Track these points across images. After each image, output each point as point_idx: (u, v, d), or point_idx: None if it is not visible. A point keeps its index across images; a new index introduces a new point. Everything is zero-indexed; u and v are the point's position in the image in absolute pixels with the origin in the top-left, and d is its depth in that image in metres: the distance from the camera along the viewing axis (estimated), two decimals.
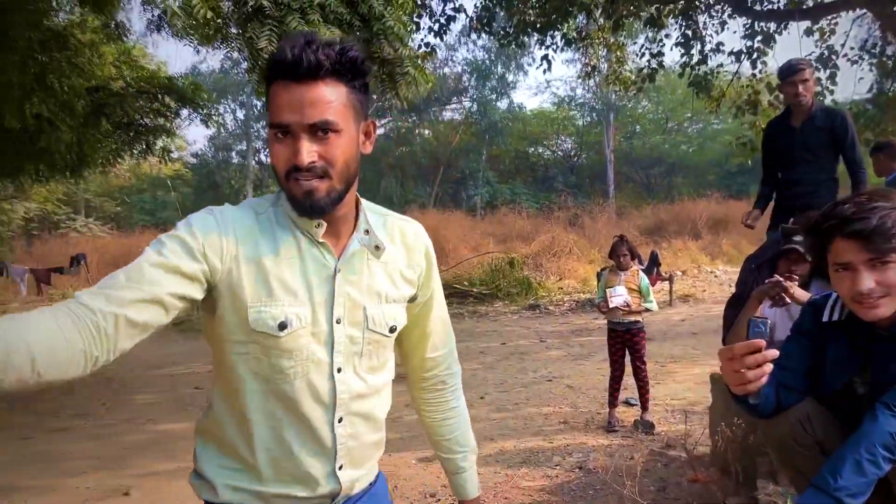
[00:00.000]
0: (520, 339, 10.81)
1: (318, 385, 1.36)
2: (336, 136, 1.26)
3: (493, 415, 6.32)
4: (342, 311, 1.36)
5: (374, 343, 1.41)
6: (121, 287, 1.19)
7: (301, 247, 1.34)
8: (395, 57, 4.64)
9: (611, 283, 5.66)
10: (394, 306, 1.43)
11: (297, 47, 1.21)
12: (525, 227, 23.57)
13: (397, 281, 1.44)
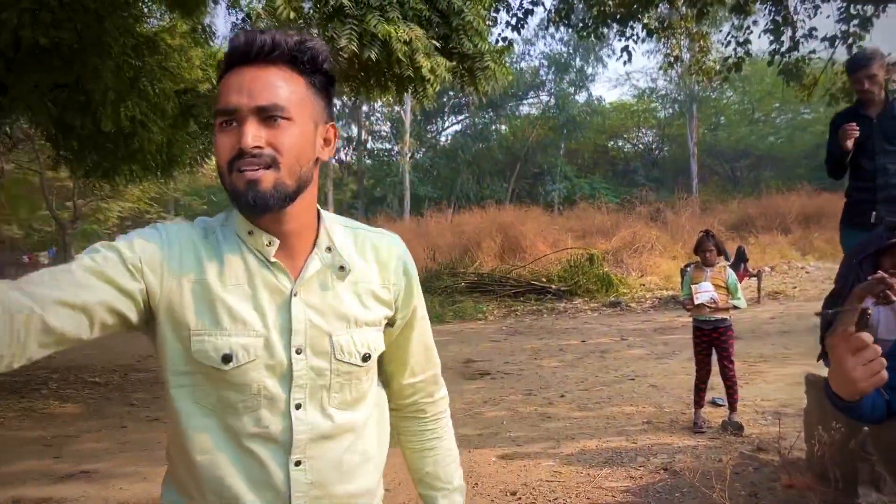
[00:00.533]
0: (600, 336, 10.62)
1: (271, 423, 1.17)
2: (288, 124, 1.11)
3: (574, 413, 6.22)
4: (302, 340, 1.17)
5: (344, 375, 1.21)
6: (43, 284, 1.02)
7: (251, 269, 1.17)
8: (474, 52, 4.61)
9: (696, 279, 5.48)
10: (367, 331, 1.23)
11: (251, 34, 1.11)
12: (605, 222, 23.15)
13: (369, 302, 1.24)
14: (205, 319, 1.15)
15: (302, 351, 1.18)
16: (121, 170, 9.92)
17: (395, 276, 1.29)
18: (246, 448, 1.17)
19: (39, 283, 1.01)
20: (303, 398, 1.18)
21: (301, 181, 1.14)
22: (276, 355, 1.16)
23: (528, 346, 9.98)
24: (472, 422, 6.11)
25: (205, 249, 1.17)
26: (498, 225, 21.01)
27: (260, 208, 1.10)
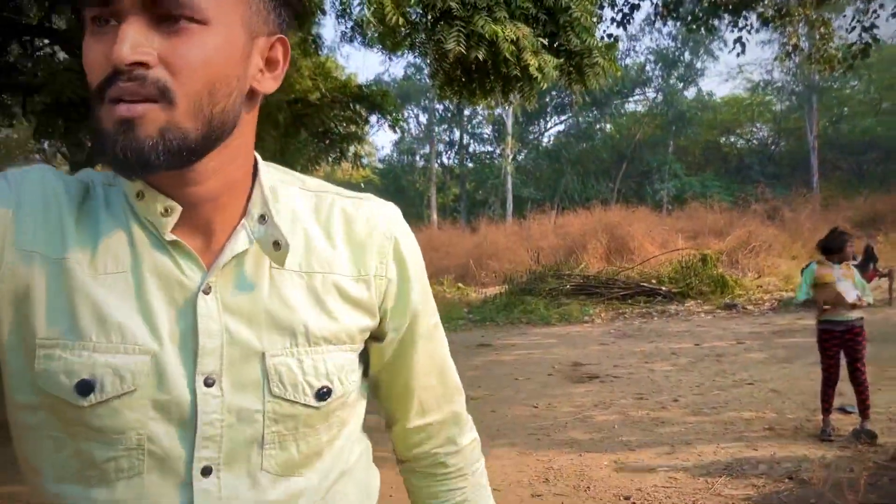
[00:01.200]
0: (715, 340, 10.21)
1: (161, 497, 0.73)
2: (198, 29, 0.66)
3: (689, 418, 6.00)
4: (217, 363, 0.73)
5: (286, 421, 0.76)
6: None
7: (138, 250, 0.73)
8: (582, 48, 4.54)
9: (824, 277, 5.16)
10: (327, 351, 0.78)
11: None
12: (717, 221, 22.26)
13: (334, 304, 0.79)
14: (59, 324, 0.71)
15: (215, 382, 0.73)
16: None
17: (378, 262, 0.83)
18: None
19: None
20: (216, 458, 0.74)
21: (213, 125, 0.70)
22: (172, 386, 0.72)
23: (637, 350, 9.72)
24: (581, 426, 6.00)
25: (74, 217, 0.73)
26: (604, 226, 20.62)
27: (136, 166, 0.66)
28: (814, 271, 5.27)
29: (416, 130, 39.68)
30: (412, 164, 40.70)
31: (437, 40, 4.23)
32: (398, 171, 39.97)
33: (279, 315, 0.76)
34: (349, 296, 0.80)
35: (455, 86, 5.35)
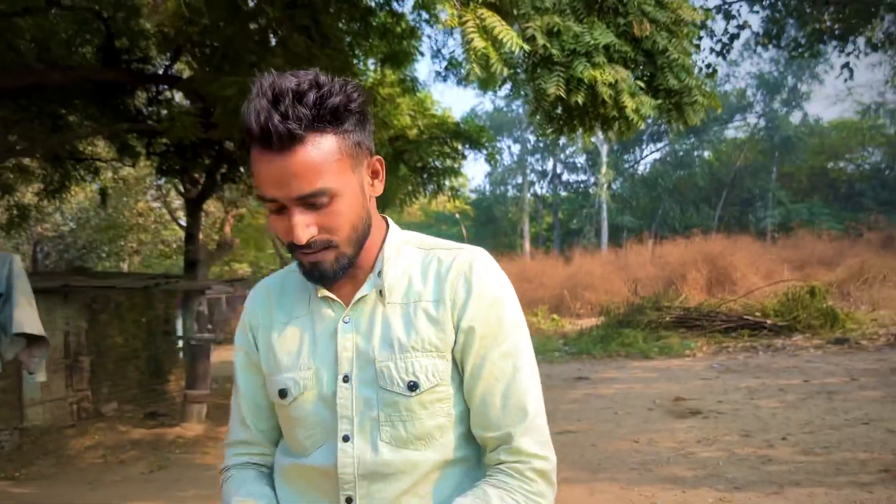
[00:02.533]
0: (826, 376, 9.79)
1: (327, 457, 1.12)
2: (333, 202, 1.04)
3: (799, 457, 5.82)
4: (349, 368, 1.11)
5: (391, 406, 1.09)
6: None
7: (310, 303, 1.18)
8: (681, 87, 4.60)
9: None
10: (414, 356, 1.09)
11: (262, 114, 0.99)
12: (826, 251, 21.33)
13: (420, 324, 1.11)
14: (271, 361, 1.18)
15: (349, 378, 1.11)
16: None
17: (451, 289, 1.11)
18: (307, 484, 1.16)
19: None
20: (351, 430, 1.10)
21: (360, 240, 1.10)
22: (325, 385, 1.12)
23: (742, 385, 9.45)
24: (684, 461, 5.93)
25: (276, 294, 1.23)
26: (704, 255, 20.11)
27: (324, 281, 1.11)
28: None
29: (508, 160, 39.93)
30: (504, 194, 40.91)
31: (537, 84, 4.39)
32: (490, 202, 40.25)
33: (384, 333, 1.12)
34: (431, 315, 1.12)
35: (554, 123, 5.50)
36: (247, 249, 26.33)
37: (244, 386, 1.25)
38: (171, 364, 10.12)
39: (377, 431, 1.10)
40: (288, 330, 1.18)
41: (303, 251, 1.07)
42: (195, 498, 5.74)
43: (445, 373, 1.11)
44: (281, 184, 1.02)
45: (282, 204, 1.04)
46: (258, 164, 1.03)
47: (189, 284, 10.12)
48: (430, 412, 1.10)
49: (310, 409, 1.13)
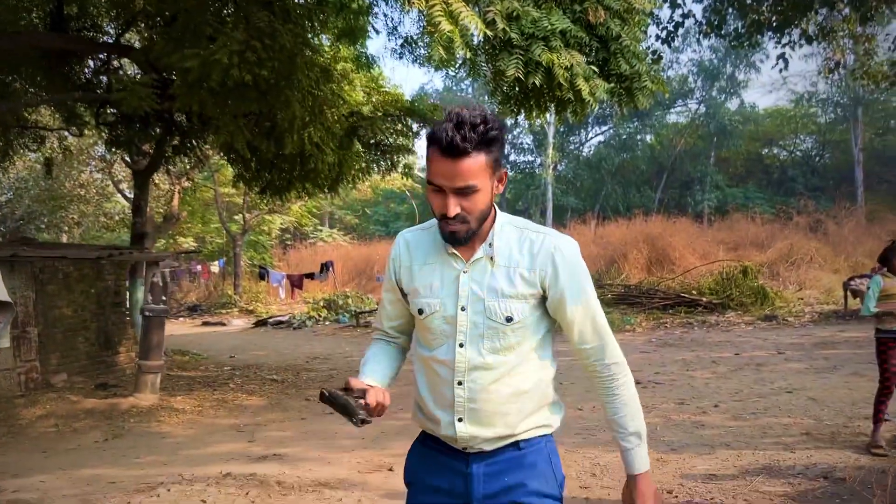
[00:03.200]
0: (755, 350, 10.40)
1: (446, 354, 1.72)
2: (475, 194, 1.61)
3: (729, 423, 6.28)
4: (466, 302, 1.69)
5: (493, 329, 1.68)
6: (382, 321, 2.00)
7: (442, 255, 1.75)
8: (631, 73, 4.89)
9: (891, 289, 5.28)
10: (511, 301, 1.68)
11: (449, 132, 1.55)
12: (759, 233, 22.24)
13: (516, 281, 1.68)
14: (410, 288, 1.80)
15: (465, 309, 1.70)
16: (294, 187, 10.89)
17: (541, 264, 1.70)
18: (433, 369, 1.76)
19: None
20: (465, 340, 1.70)
21: (483, 219, 1.68)
22: (448, 310, 1.72)
23: (679, 358, 9.96)
24: None
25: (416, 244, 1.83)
26: (645, 236, 20.77)
27: (458, 244, 1.70)
28: (880, 283, 5.35)
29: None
30: None
31: (497, 66, 4.61)
32: None
33: (491, 284, 1.70)
34: (524, 278, 1.70)
35: (513, 103, 5.74)
36: (193, 223, 25.98)
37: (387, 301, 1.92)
38: (121, 336, 10.06)
39: (481, 343, 1.69)
40: (425, 269, 1.77)
41: (448, 221, 1.63)
42: (152, 464, 5.83)
43: (528, 313, 1.70)
44: (447, 177, 1.59)
45: (443, 189, 1.61)
46: (436, 163, 1.60)
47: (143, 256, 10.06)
48: (515, 334, 1.70)
49: (437, 324, 1.73)
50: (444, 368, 1.72)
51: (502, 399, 1.70)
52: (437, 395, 1.75)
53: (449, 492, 1.76)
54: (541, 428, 1.77)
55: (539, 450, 1.76)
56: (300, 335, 17.07)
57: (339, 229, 37.40)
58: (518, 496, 1.72)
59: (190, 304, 24.88)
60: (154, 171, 12.88)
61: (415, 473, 1.85)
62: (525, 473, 1.73)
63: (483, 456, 1.73)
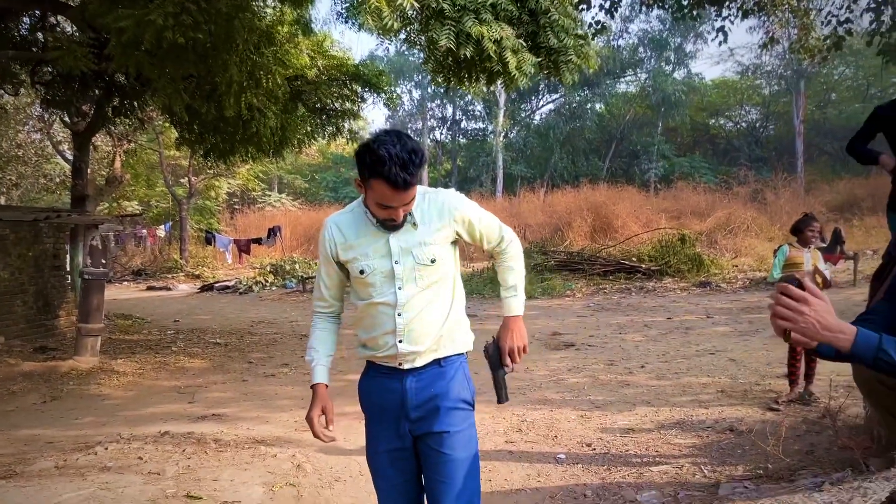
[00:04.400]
0: (686, 314, 10.84)
1: (387, 296, 2.18)
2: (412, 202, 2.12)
3: (652, 382, 6.62)
4: (398, 257, 2.17)
5: (421, 271, 2.17)
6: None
7: (369, 229, 2.20)
8: (559, 46, 5.04)
9: (796, 259, 5.64)
10: (432, 247, 2.17)
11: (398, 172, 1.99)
12: (701, 202, 22.87)
13: (433, 232, 2.18)
14: (349, 257, 2.23)
15: (399, 262, 2.18)
16: (237, 150, 10.83)
17: (447, 213, 2.21)
18: (377, 309, 2.21)
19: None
20: (402, 283, 2.18)
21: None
22: (385, 266, 2.19)
23: (613, 322, 10.33)
24: (555, 386, 6.61)
25: (346, 225, 2.25)
26: (590, 204, 21.18)
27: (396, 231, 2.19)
28: (786, 252, 5.76)
29: (409, 105, 39.84)
30: None
31: (430, 37, 4.72)
32: None
33: (414, 240, 2.17)
34: (437, 228, 2.19)
35: (445, 73, 5.85)
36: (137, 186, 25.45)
37: (324, 275, 2.34)
38: (60, 299, 9.96)
39: (413, 283, 2.17)
40: (359, 241, 2.21)
41: (392, 223, 2.12)
42: (91, 425, 5.91)
43: (444, 254, 2.20)
44: (399, 201, 2.05)
45: (394, 207, 2.07)
46: (386, 192, 2.02)
47: (83, 219, 9.93)
48: (437, 272, 2.19)
49: (377, 279, 2.18)
50: (386, 307, 2.18)
51: (429, 322, 2.19)
52: (380, 328, 2.20)
53: (391, 407, 2.23)
54: (457, 348, 2.28)
55: (456, 367, 2.27)
56: (246, 300, 17.04)
57: (288, 194, 37.04)
58: (440, 402, 2.20)
59: (135, 269, 24.51)
60: (94, 132, 12.61)
61: (366, 400, 2.33)
62: (446, 384, 2.22)
63: (414, 371, 2.20)
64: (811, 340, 1.74)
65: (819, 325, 1.72)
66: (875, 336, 1.72)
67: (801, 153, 32.76)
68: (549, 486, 4.10)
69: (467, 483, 2.17)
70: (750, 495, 3.59)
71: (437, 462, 2.18)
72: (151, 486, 4.10)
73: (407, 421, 2.21)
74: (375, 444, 2.28)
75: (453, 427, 2.19)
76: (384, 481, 2.28)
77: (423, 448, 2.22)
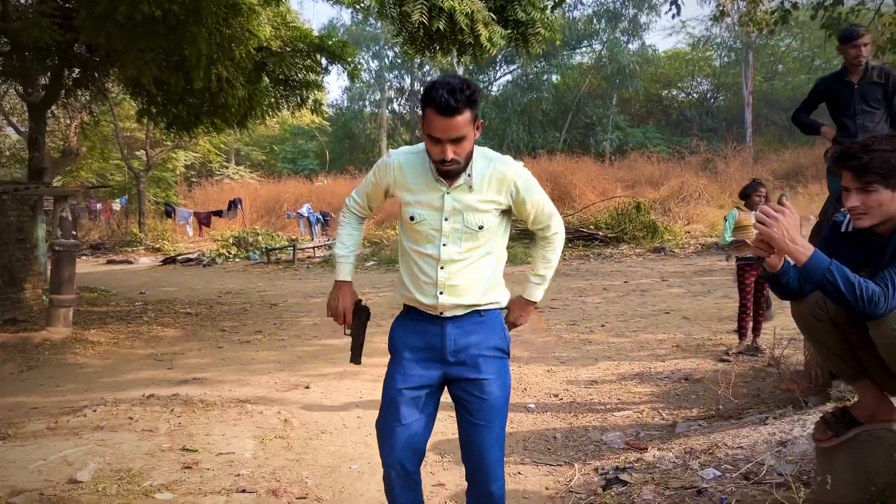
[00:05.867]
0: (642, 278, 11.33)
1: (433, 250, 2.28)
2: (464, 141, 2.14)
3: (612, 339, 7.03)
4: (448, 214, 2.25)
5: (468, 233, 2.26)
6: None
7: (430, 180, 2.27)
8: (527, 19, 5.30)
9: (744, 221, 6.06)
10: (483, 215, 2.25)
11: (445, 96, 2.07)
12: (654, 172, 23.49)
13: (486, 200, 2.25)
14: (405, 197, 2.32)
15: (448, 219, 2.26)
16: (202, 122, 10.85)
17: (507, 188, 2.28)
18: (420, 259, 2.32)
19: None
20: (447, 241, 2.27)
21: (469, 159, 2.23)
22: (435, 220, 2.27)
23: (574, 286, 10.75)
24: (521, 346, 6.97)
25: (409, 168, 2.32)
26: (548, 174, 21.56)
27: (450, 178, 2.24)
28: (735, 216, 6.20)
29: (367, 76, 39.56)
30: (362, 109, 40.69)
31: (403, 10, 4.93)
32: (348, 118, 39.93)
33: (468, 203, 2.25)
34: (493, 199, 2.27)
35: (418, 45, 6.07)
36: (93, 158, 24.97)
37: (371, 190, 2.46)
38: (26, 273, 9.94)
39: (459, 243, 2.26)
40: (418, 188, 2.29)
41: (444, 163, 2.16)
42: (73, 391, 6.05)
43: (494, 222, 2.28)
44: (444, 131, 2.11)
45: (440, 140, 2.12)
46: (433, 120, 2.10)
47: (51, 191, 9.90)
48: (483, 237, 2.28)
49: (425, 229, 2.27)
50: (430, 259, 2.28)
51: (471, 279, 2.28)
52: (424, 277, 2.30)
53: (426, 348, 2.33)
54: (495, 303, 2.37)
55: (494, 317, 2.38)
56: (210, 272, 17.07)
57: (247, 166, 36.67)
58: (479, 349, 2.31)
59: (93, 243, 24.17)
60: (51, 103, 12.43)
61: (400, 339, 2.40)
62: (484, 333, 2.33)
63: (454, 319, 2.31)
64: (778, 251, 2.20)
65: (787, 234, 2.14)
66: (827, 259, 2.12)
67: (749, 123, 33.65)
68: (521, 432, 4.45)
69: (500, 423, 2.33)
70: (703, 431, 4.00)
71: (476, 407, 2.29)
72: (146, 441, 4.31)
73: (442, 364, 2.31)
74: (398, 382, 2.34)
75: (490, 374, 2.29)
76: (394, 419, 2.32)
77: (459, 392, 2.33)
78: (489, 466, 2.31)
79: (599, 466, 3.69)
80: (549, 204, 2.40)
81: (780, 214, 2.13)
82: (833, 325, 2.35)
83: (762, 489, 2.95)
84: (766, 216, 2.14)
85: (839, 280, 2.09)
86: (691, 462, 3.46)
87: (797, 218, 2.14)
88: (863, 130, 4.65)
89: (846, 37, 4.78)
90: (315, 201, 24.26)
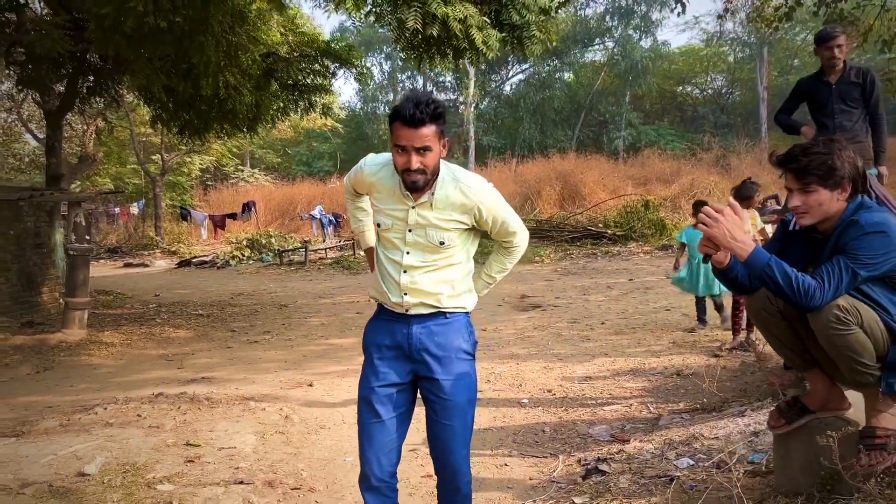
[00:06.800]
0: (647, 276, 11.41)
1: (396, 255, 2.41)
2: (429, 152, 2.26)
3: (611, 336, 7.15)
4: (413, 226, 2.37)
5: (429, 247, 2.38)
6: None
7: (398, 194, 2.38)
8: (522, 22, 5.43)
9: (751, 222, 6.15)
10: (445, 232, 2.37)
11: (410, 108, 2.20)
12: (666, 169, 23.46)
13: (449, 220, 2.37)
14: (376, 205, 2.47)
15: (412, 231, 2.38)
16: (212, 127, 11.09)
17: (471, 204, 2.38)
18: (387, 263, 2.45)
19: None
20: (410, 250, 2.40)
21: (434, 174, 2.33)
22: (399, 231, 2.40)
23: (578, 285, 10.86)
24: (521, 343, 7.11)
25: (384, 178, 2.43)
26: (559, 173, 21.67)
27: (416, 191, 2.34)
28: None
29: (379, 78, 39.82)
30: (375, 110, 40.93)
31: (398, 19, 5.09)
32: (361, 119, 40.21)
33: (430, 219, 2.37)
34: (455, 218, 2.38)
35: (415, 51, 6.23)
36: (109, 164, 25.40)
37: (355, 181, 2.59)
38: (43, 276, 10.23)
39: (422, 254, 2.38)
40: (387, 196, 2.42)
41: (409, 173, 2.26)
42: (86, 390, 6.27)
43: (455, 238, 2.39)
44: (409, 139, 2.23)
45: (406, 148, 2.24)
46: (400, 130, 2.22)
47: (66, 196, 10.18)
48: (444, 252, 2.39)
49: (391, 236, 2.41)
50: (395, 264, 2.41)
51: (431, 284, 2.40)
52: (390, 278, 2.43)
53: (394, 346, 2.44)
54: (460, 307, 2.48)
55: (458, 320, 2.48)
56: (224, 274, 17.34)
57: (261, 169, 37.02)
58: (443, 350, 2.42)
59: (110, 247, 24.59)
60: (67, 111, 12.74)
61: (371, 339, 2.52)
62: (449, 335, 2.44)
63: (420, 319, 2.42)
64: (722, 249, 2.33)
65: (728, 234, 2.29)
66: (767, 255, 2.28)
67: (764, 119, 33.45)
68: (512, 425, 4.60)
69: (462, 423, 2.42)
70: (685, 423, 4.12)
71: (440, 407, 2.40)
72: (153, 437, 4.51)
73: (409, 361, 2.42)
74: (370, 380, 2.45)
75: (453, 375, 2.39)
76: (370, 416, 2.43)
77: (425, 392, 2.45)
78: (455, 463, 2.45)
79: (582, 458, 3.82)
80: (514, 221, 2.52)
81: (720, 215, 2.27)
82: (782, 318, 2.48)
83: (731, 477, 3.08)
84: (707, 217, 2.28)
85: (777, 274, 2.23)
86: (668, 453, 3.59)
87: (740, 218, 2.28)
88: (841, 129, 4.75)
89: (821, 38, 4.88)
90: (328, 203, 24.51)
